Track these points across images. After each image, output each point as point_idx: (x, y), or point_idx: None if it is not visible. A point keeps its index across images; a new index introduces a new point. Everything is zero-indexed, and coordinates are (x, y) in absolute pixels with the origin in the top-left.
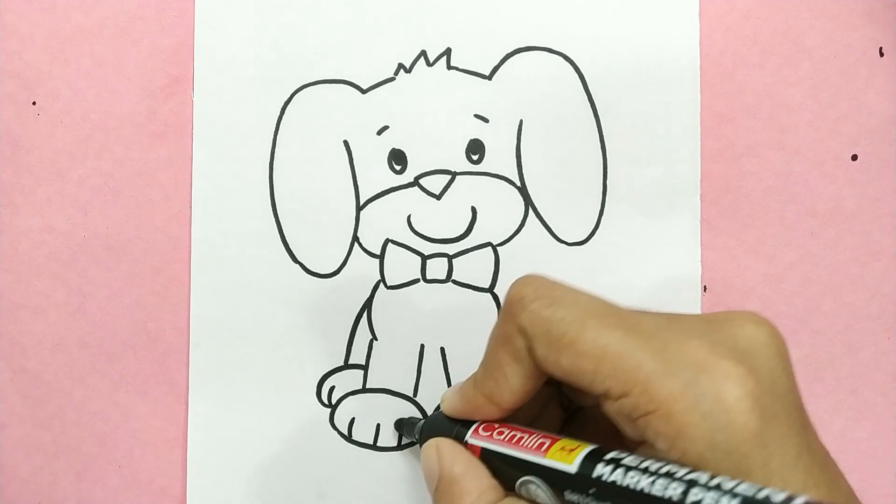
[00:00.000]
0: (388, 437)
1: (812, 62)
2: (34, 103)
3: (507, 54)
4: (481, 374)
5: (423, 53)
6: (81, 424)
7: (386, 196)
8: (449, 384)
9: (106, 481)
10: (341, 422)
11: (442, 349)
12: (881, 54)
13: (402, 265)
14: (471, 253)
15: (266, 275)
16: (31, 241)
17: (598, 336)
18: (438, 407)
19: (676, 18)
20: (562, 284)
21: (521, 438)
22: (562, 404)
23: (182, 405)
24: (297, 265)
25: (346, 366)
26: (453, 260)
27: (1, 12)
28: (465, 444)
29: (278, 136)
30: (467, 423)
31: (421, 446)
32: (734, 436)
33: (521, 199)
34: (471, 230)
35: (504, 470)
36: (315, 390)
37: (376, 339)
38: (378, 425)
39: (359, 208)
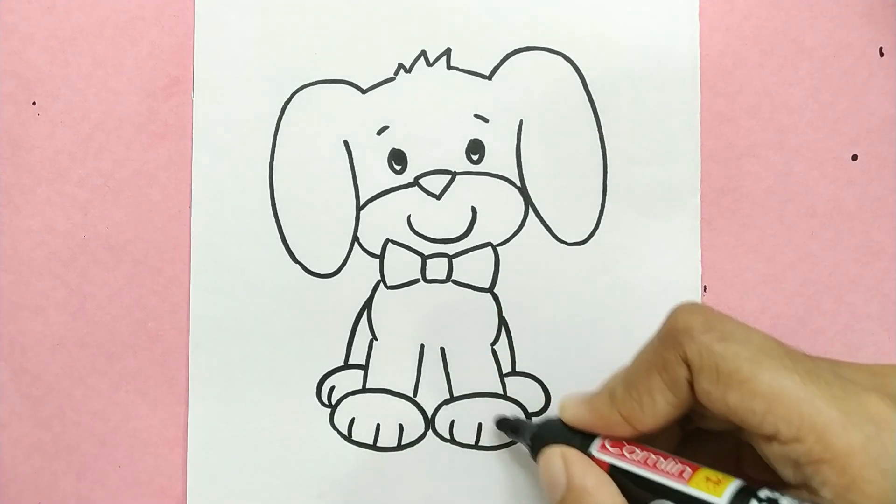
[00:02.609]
0: (389, 437)
1: (812, 62)
2: (34, 103)
3: (507, 54)
4: (623, 393)
5: (423, 53)
6: (81, 424)
7: (386, 196)
8: (449, 384)
9: (106, 481)
10: (341, 422)
11: (442, 349)
12: (881, 54)
13: (402, 265)
14: (471, 253)
15: (266, 275)
16: (31, 241)
17: (775, 378)
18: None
19: (676, 19)
20: (731, 318)
21: (658, 461)
22: (681, 424)
23: (182, 405)
24: (297, 265)
25: (346, 366)
26: (453, 260)
27: (1, 12)
28: (590, 457)
29: (278, 136)
30: (588, 436)
31: (534, 451)
32: None
33: (521, 199)
34: (471, 230)
35: (635, 491)
36: (315, 390)
37: (376, 339)
38: (378, 425)
39: (359, 208)
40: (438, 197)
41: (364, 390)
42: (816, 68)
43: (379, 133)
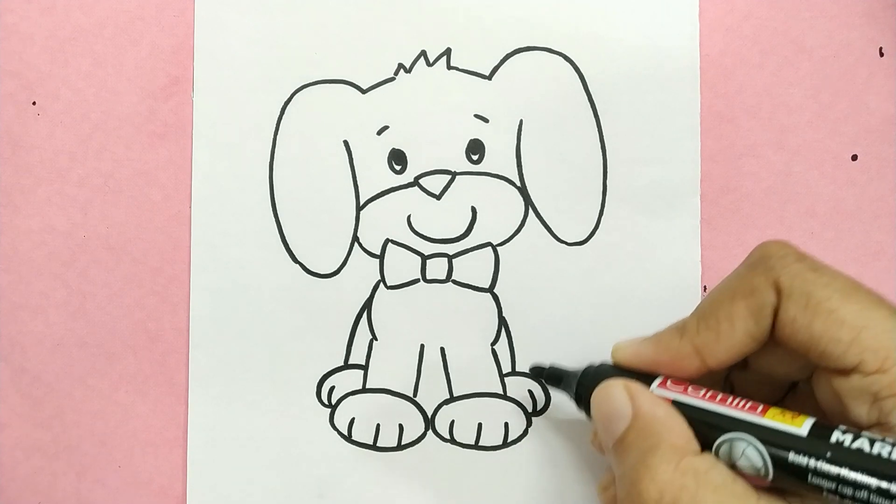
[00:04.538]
0: (389, 437)
1: (812, 62)
2: (34, 103)
3: (507, 54)
4: (696, 324)
5: (423, 53)
6: (81, 424)
7: (386, 196)
8: (449, 384)
9: (106, 481)
10: (341, 422)
11: (442, 349)
12: (881, 54)
13: (402, 265)
14: (471, 253)
15: (266, 275)
16: (31, 241)
17: (864, 309)
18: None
19: (676, 19)
20: (814, 257)
21: (727, 398)
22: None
23: (182, 405)
24: (297, 265)
25: (346, 366)
26: (453, 260)
27: (1, 12)
28: None
29: (278, 136)
30: (645, 378)
31: (579, 398)
32: None
33: (521, 199)
34: (471, 230)
35: (702, 429)
36: (315, 390)
37: (376, 339)
38: (378, 425)
39: (359, 208)
40: (438, 197)
41: (364, 390)
42: (816, 68)
43: (379, 133)
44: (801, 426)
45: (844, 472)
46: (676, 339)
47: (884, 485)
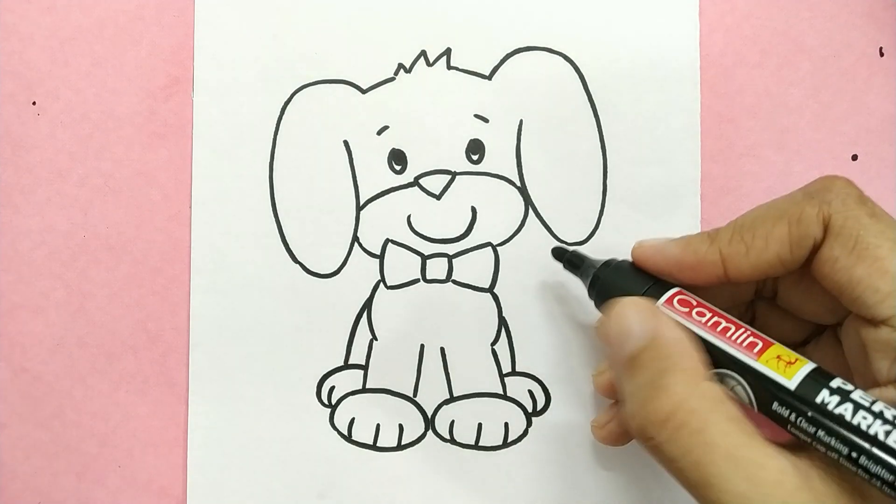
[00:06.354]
0: (389, 437)
1: (812, 62)
2: (34, 103)
3: (507, 54)
4: (729, 233)
5: (423, 53)
6: (81, 424)
7: (386, 196)
8: (449, 384)
9: (106, 481)
10: (341, 422)
11: (442, 349)
12: (881, 54)
13: (402, 265)
14: (471, 253)
15: (266, 275)
16: (31, 241)
17: None
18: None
19: (676, 18)
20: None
21: (728, 329)
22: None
23: (182, 405)
24: (297, 265)
25: (346, 366)
26: (453, 260)
27: (1, 12)
28: None
29: (278, 136)
30: (658, 286)
31: (594, 291)
32: None
33: (521, 199)
34: (471, 230)
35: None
36: (315, 390)
37: (376, 339)
38: (378, 425)
39: (359, 208)
40: (438, 197)
41: (364, 390)
42: (816, 68)
43: (379, 133)
44: (792, 378)
45: (820, 434)
46: (705, 244)
47: (853, 454)
